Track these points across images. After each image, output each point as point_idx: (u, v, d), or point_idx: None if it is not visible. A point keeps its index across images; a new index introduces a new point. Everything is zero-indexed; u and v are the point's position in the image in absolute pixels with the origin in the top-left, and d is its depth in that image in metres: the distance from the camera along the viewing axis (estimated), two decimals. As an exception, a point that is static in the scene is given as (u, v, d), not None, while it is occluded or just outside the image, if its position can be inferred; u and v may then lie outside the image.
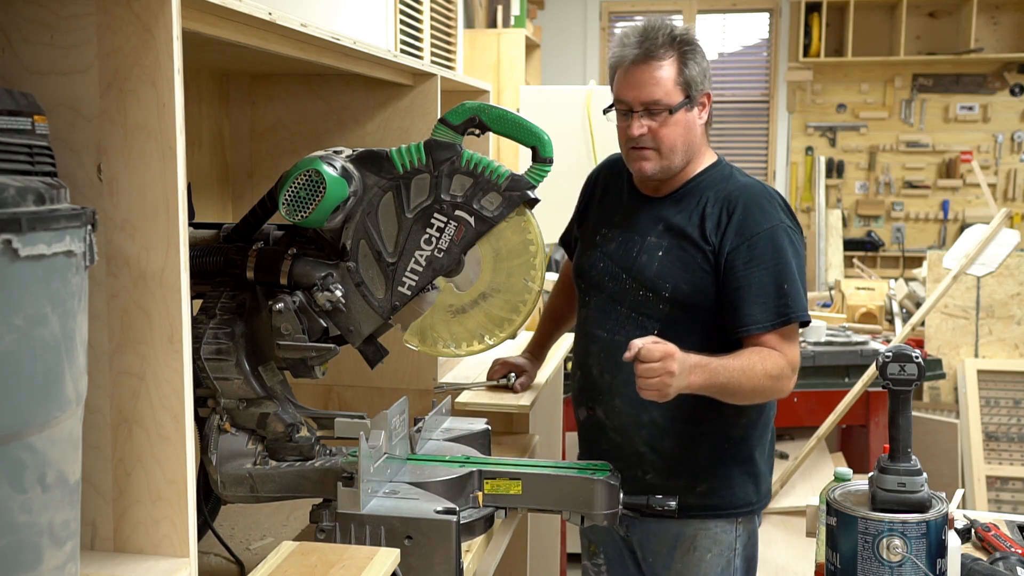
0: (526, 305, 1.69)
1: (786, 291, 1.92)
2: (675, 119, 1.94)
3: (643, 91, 1.94)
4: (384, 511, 1.48)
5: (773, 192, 2.03)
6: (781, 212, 1.98)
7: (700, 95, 1.97)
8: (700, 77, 1.96)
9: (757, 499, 2.07)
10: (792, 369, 1.92)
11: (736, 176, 2.04)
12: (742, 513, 2.05)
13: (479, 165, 1.62)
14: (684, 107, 1.94)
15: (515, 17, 5.77)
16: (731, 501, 2.03)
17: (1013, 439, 4.36)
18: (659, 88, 1.93)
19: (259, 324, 1.61)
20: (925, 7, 6.70)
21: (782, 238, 1.95)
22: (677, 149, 1.96)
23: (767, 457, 2.10)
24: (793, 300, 1.93)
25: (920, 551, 1.52)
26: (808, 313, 1.96)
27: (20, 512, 0.89)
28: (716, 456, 2.02)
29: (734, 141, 7.13)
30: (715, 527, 2.03)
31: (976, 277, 4.40)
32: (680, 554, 2.04)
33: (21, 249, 0.85)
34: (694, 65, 1.94)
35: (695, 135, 1.99)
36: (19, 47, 1.12)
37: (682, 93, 1.94)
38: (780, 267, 1.93)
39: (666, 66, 1.93)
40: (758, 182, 2.04)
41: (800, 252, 1.99)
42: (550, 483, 1.66)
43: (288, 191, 1.55)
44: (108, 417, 1.17)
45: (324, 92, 2.16)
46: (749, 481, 2.04)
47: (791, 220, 2.00)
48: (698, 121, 1.99)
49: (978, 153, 6.80)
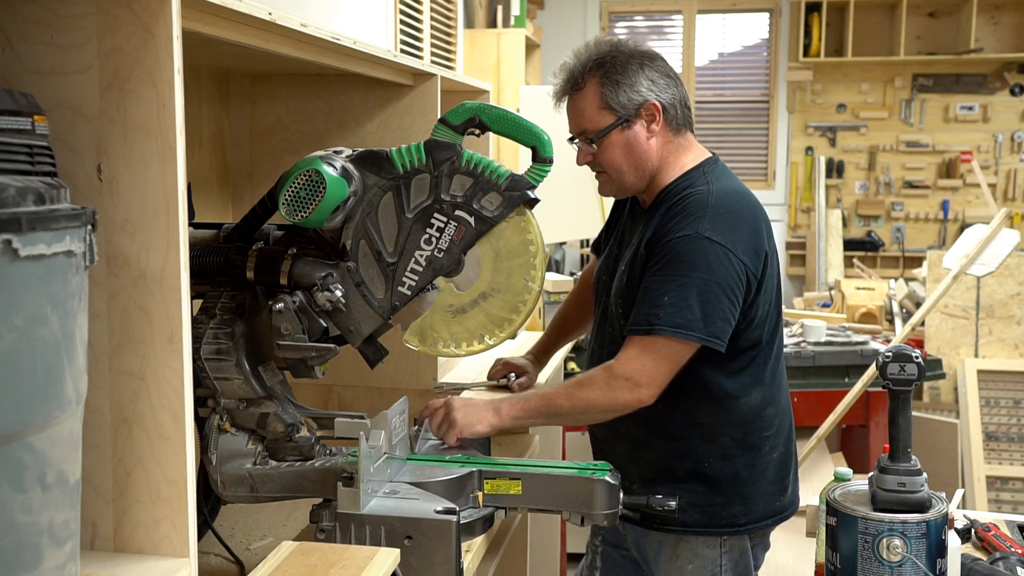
0: (526, 305, 1.69)
1: (665, 302, 1.80)
2: (610, 141, 1.91)
3: (572, 122, 1.95)
4: (384, 511, 1.48)
5: (723, 203, 1.87)
6: (708, 223, 1.83)
7: (637, 109, 1.90)
8: (629, 92, 1.88)
9: (748, 520, 1.97)
10: (620, 377, 1.82)
11: (704, 182, 1.91)
12: (726, 533, 1.96)
13: (479, 165, 1.62)
14: (618, 127, 1.90)
15: (515, 17, 5.77)
16: (712, 520, 1.95)
17: (1013, 439, 4.36)
18: (583, 117, 1.92)
19: (259, 324, 1.61)
20: (925, 7, 6.70)
21: (693, 248, 1.81)
22: (623, 168, 1.93)
23: (769, 477, 1.98)
24: (667, 313, 1.80)
25: (920, 551, 1.52)
26: (691, 335, 1.79)
27: (20, 512, 0.89)
28: (696, 474, 1.95)
29: (734, 141, 7.13)
30: (695, 541, 1.97)
31: (976, 277, 4.40)
32: (664, 560, 2.01)
33: (21, 249, 0.85)
34: (619, 84, 1.88)
35: (643, 150, 1.92)
36: (19, 47, 1.12)
37: (611, 115, 1.90)
38: (674, 276, 1.82)
39: (587, 94, 1.90)
40: (719, 189, 1.90)
41: (720, 269, 1.81)
42: (550, 483, 1.66)
43: (288, 191, 1.55)
44: (108, 417, 1.17)
45: (324, 92, 2.16)
46: (737, 502, 1.95)
47: (729, 234, 1.83)
48: (643, 135, 1.91)
49: (978, 153, 6.80)
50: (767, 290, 1.91)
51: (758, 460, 1.97)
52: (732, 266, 1.82)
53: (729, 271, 1.82)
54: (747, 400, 1.94)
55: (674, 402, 1.91)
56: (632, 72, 1.90)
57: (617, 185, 1.97)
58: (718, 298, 1.80)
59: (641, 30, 7.36)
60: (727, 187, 1.91)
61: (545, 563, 3.30)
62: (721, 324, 1.81)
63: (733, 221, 1.85)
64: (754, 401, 1.95)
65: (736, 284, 1.82)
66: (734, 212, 1.87)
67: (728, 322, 1.82)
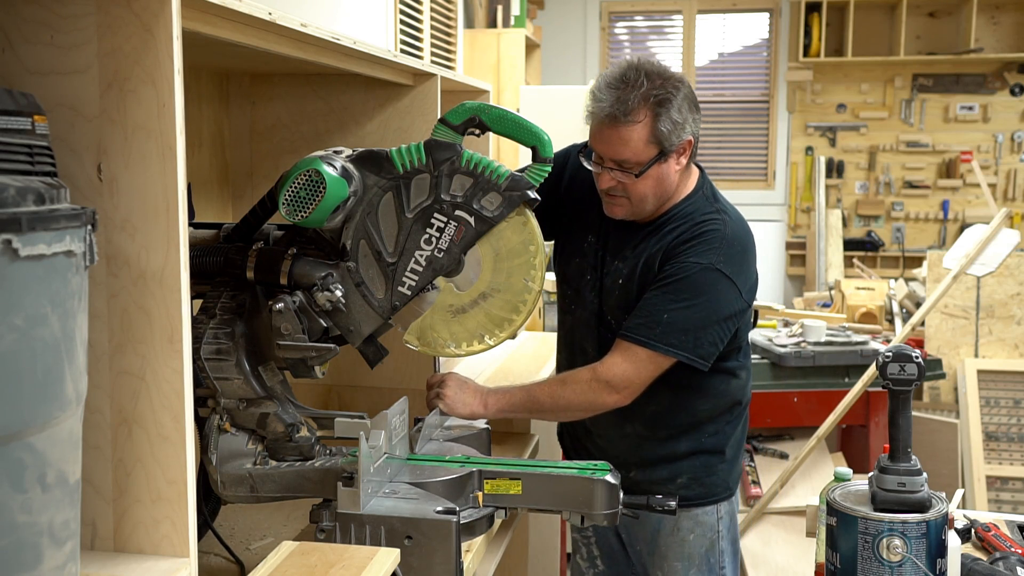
0: (526, 305, 1.69)
1: (664, 320, 1.88)
2: (647, 174, 1.91)
3: (612, 148, 1.90)
4: (384, 511, 1.48)
5: (736, 237, 1.95)
6: (723, 255, 1.90)
7: (677, 145, 1.91)
8: (677, 128, 1.89)
9: (732, 481, 2.14)
10: (603, 380, 1.90)
11: (714, 209, 1.97)
12: (722, 498, 2.12)
13: (479, 165, 1.62)
14: (657, 162, 1.90)
15: (515, 17, 5.77)
16: (710, 489, 2.10)
17: (1013, 439, 4.35)
18: (628, 148, 1.88)
19: (259, 324, 1.61)
20: (925, 7, 6.70)
21: (705, 278, 1.89)
22: (648, 199, 1.94)
23: (738, 442, 2.15)
24: (664, 331, 1.87)
25: (920, 551, 1.52)
26: (680, 354, 1.88)
27: (20, 512, 0.89)
28: (693, 453, 2.08)
29: (734, 141, 7.13)
30: (696, 512, 2.10)
31: (976, 277, 4.40)
32: (664, 536, 2.10)
33: (21, 249, 0.85)
34: (668, 119, 1.87)
35: (671, 183, 1.95)
36: (19, 47, 1.12)
37: (655, 149, 1.89)
38: (680, 299, 1.89)
39: (638, 128, 1.87)
40: (731, 221, 1.97)
41: (724, 301, 1.91)
42: (550, 483, 1.66)
43: (288, 191, 1.55)
44: (108, 417, 1.17)
45: (324, 92, 2.16)
46: (724, 467, 2.11)
47: (739, 269, 1.92)
48: (675, 168, 1.94)
49: (978, 153, 6.80)
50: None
51: (739, 426, 2.14)
52: (734, 300, 1.93)
53: (731, 304, 1.93)
54: (738, 381, 2.09)
55: (681, 394, 2.04)
56: (684, 110, 1.90)
57: (635, 212, 1.98)
58: (714, 326, 1.92)
59: (641, 30, 7.36)
60: (734, 216, 2.01)
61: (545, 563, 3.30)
62: (709, 347, 1.92)
63: (741, 254, 1.96)
64: (743, 380, 2.10)
65: (734, 316, 1.95)
66: (743, 245, 1.97)
67: (716, 346, 1.94)
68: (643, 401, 1.96)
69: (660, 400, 2.01)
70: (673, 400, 2.03)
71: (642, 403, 1.96)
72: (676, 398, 2.03)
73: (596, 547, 2.28)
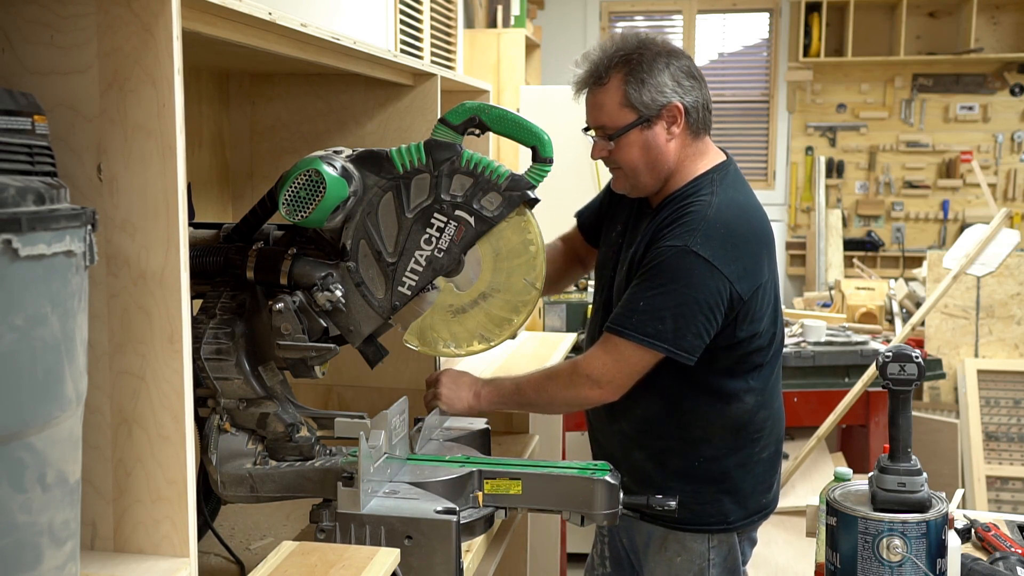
0: (526, 305, 1.69)
1: (640, 308, 1.81)
2: (629, 140, 1.88)
3: (591, 115, 1.92)
4: (384, 511, 1.48)
5: (721, 217, 1.83)
6: (701, 236, 1.80)
7: (659, 110, 1.86)
8: (652, 91, 1.85)
9: (737, 517, 2.00)
10: (583, 374, 1.86)
11: (709, 192, 1.88)
12: (715, 530, 1.99)
13: (479, 165, 1.62)
14: (638, 127, 1.87)
15: (515, 17, 5.77)
16: (700, 517, 1.97)
17: (1013, 439, 4.36)
18: (603, 112, 1.89)
19: (259, 324, 1.61)
20: (925, 7, 6.70)
21: (679, 261, 1.80)
22: (639, 168, 1.90)
23: (758, 476, 2.02)
24: (640, 320, 1.80)
25: (920, 551, 1.52)
26: (658, 345, 1.79)
27: (20, 512, 0.89)
28: (685, 472, 1.97)
29: (734, 141, 7.13)
30: (683, 536, 1.99)
31: (976, 277, 4.40)
32: (652, 552, 2.03)
33: (21, 249, 0.85)
34: (638, 80, 1.84)
35: (661, 152, 1.89)
36: (19, 47, 1.12)
37: (632, 113, 1.86)
38: (654, 285, 1.82)
39: (610, 89, 1.86)
40: (721, 202, 1.86)
41: (702, 285, 1.79)
42: (550, 483, 1.66)
43: (288, 191, 1.55)
44: (108, 417, 1.17)
45: (324, 92, 2.16)
46: (725, 499, 1.98)
47: (720, 251, 1.80)
48: (663, 136, 1.88)
49: (978, 153, 6.80)
50: (757, 318, 1.89)
51: (748, 460, 2.00)
52: (714, 283, 1.79)
53: (710, 288, 1.79)
54: (742, 405, 1.95)
55: (671, 403, 1.95)
56: (658, 71, 1.86)
57: (631, 184, 1.95)
58: (693, 313, 1.79)
59: (641, 30, 7.36)
60: (731, 200, 1.88)
61: (545, 563, 3.30)
62: (692, 339, 1.81)
63: (728, 238, 1.82)
64: (749, 406, 1.96)
65: (716, 302, 1.81)
66: (731, 229, 1.84)
67: (701, 338, 1.82)
68: (632, 402, 1.91)
69: (648, 404, 1.94)
70: (662, 408, 1.95)
71: (631, 404, 1.91)
72: (665, 406, 1.94)
73: (608, 547, 2.23)
